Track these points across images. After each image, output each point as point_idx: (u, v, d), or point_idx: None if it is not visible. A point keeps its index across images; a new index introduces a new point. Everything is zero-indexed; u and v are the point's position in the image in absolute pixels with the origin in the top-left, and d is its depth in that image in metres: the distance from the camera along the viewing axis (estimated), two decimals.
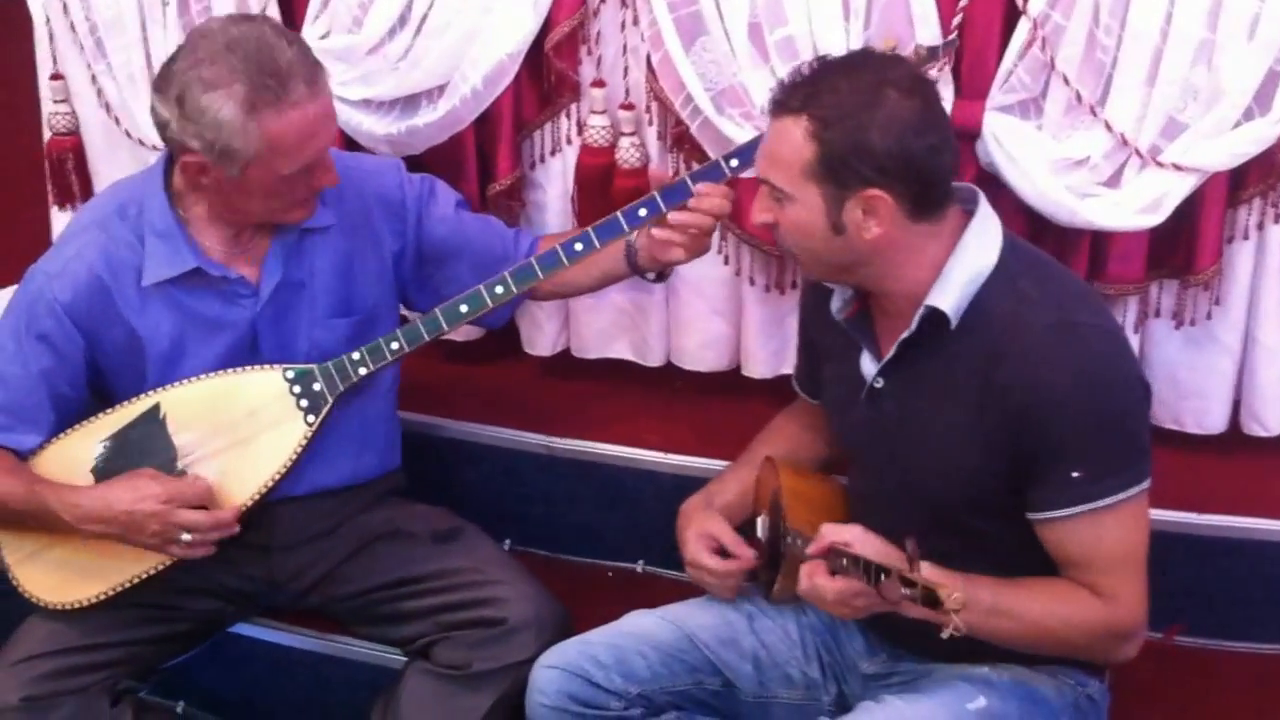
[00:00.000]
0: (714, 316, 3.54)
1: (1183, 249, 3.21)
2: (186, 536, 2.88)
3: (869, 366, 2.66)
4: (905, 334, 2.56)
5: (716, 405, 3.59)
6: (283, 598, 3.22)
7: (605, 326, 3.65)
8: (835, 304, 2.69)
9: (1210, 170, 3.05)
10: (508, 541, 3.45)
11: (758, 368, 3.54)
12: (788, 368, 3.47)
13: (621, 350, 3.68)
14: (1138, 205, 3.09)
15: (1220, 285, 3.24)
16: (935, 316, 2.52)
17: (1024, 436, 2.46)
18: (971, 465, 2.53)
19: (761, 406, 3.22)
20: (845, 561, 2.42)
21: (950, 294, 2.51)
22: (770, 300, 3.46)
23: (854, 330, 2.67)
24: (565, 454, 3.51)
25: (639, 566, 3.49)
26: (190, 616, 3.14)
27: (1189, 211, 3.12)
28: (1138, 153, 3.06)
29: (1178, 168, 3.04)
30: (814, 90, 2.48)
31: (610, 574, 3.51)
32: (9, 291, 3.87)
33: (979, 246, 2.53)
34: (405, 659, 3.14)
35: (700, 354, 3.59)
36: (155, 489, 2.87)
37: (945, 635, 2.25)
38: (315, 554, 3.15)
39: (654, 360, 3.66)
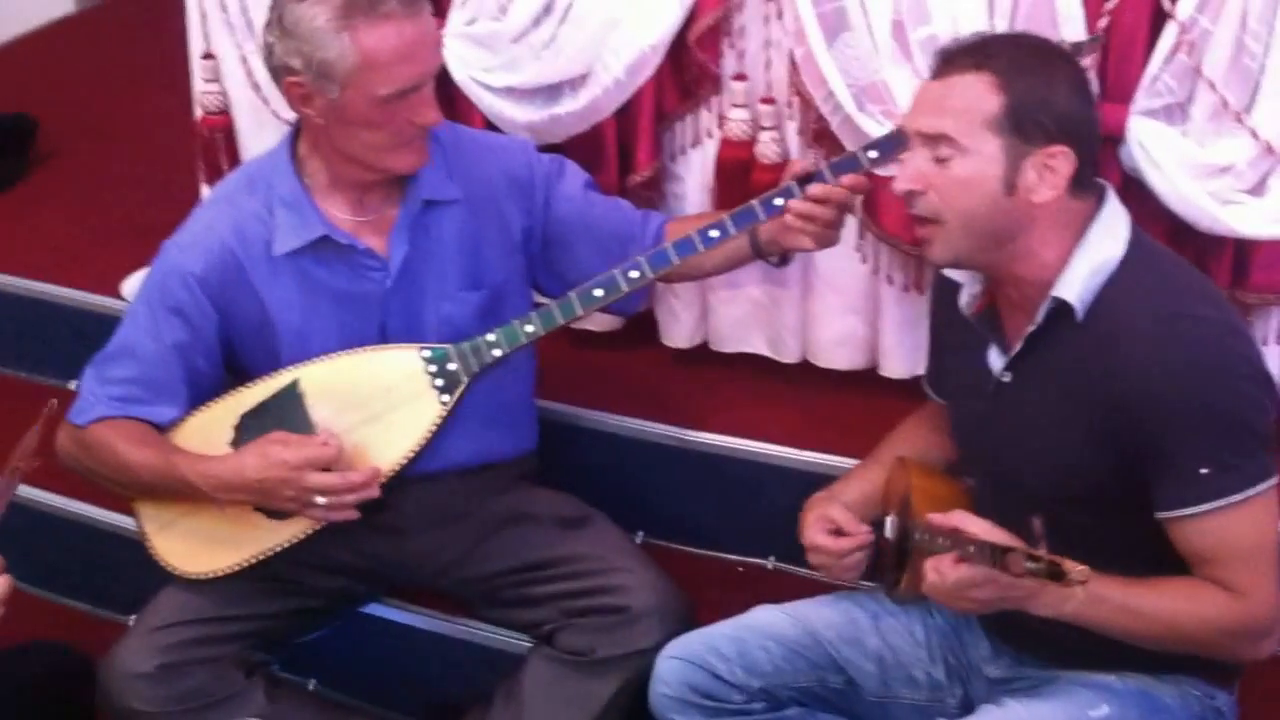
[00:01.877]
0: (850, 314, 3.57)
1: None
2: (321, 499, 2.93)
3: (996, 361, 2.68)
4: (1031, 327, 2.58)
5: (851, 403, 3.61)
6: (412, 580, 3.30)
7: (741, 319, 3.69)
8: (964, 299, 2.71)
9: None
10: (640, 534, 3.50)
11: (894, 367, 3.57)
12: (924, 368, 3.50)
13: (757, 344, 3.72)
14: None
15: None
16: (1061, 309, 2.54)
17: (1138, 431, 2.47)
18: (1084, 460, 2.54)
19: (897, 406, 3.23)
20: (972, 548, 2.43)
21: (1076, 286, 2.52)
22: (908, 300, 3.49)
23: (982, 325, 2.69)
24: (697, 447, 3.55)
25: (769, 562, 3.52)
26: (320, 593, 3.22)
27: None
28: None
29: None
30: (989, 51, 2.52)
31: (740, 569, 3.55)
32: None
33: (1106, 239, 2.55)
34: (529, 644, 3.19)
35: (836, 351, 3.63)
36: (285, 455, 2.92)
37: (1069, 609, 2.29)
38: (444, 538, 3.21)
39: (789, 356, 3.70)
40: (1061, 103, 2.48)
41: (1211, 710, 2.70)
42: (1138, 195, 3.04)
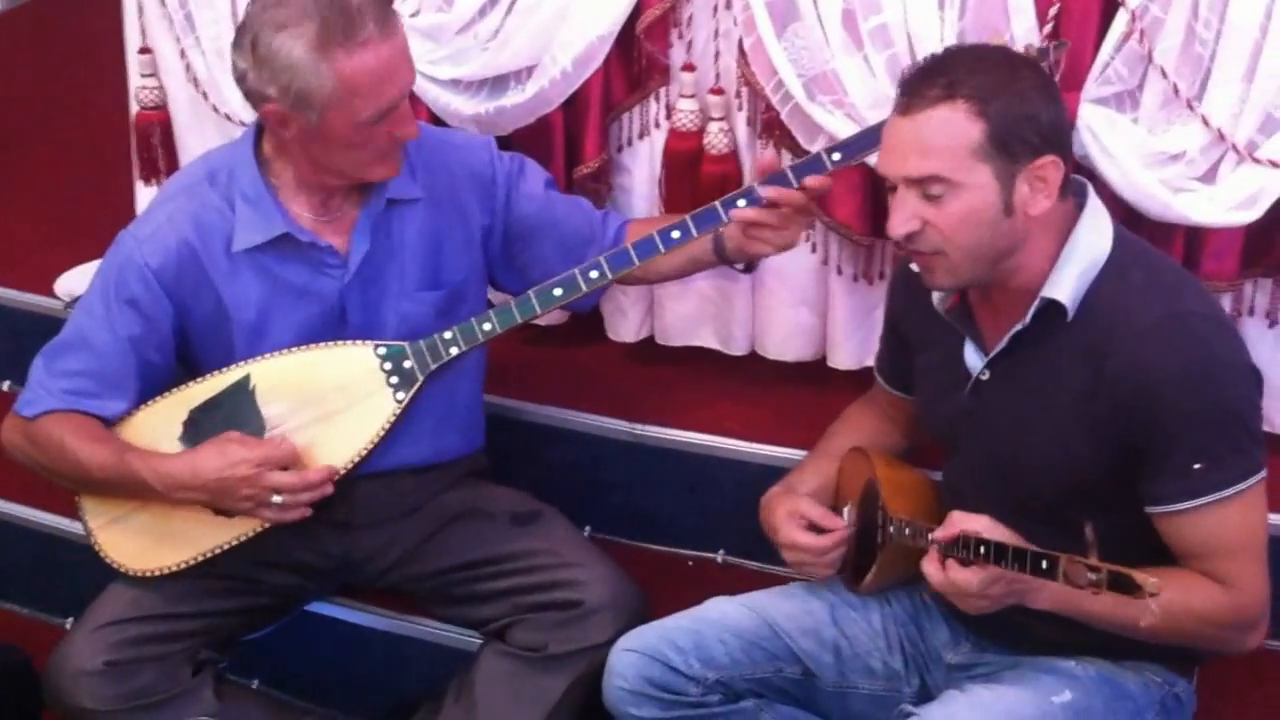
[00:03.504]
0: (800, 306, 3.60)
1: (1278, 246, 3.24)
2: (278, 499, 2.95)
3: (974, 359, 2.71)
4: (1018, 326, 2.61)
5: (800, 394, 3.64)
6: (360, 576, 3.30)
7: (690, 313, 3.72)
8: (937, 296, 2.73)
9: None
10: (587, 528, 3.51)
11: (843, 358, 3.60)
12: (873, 359, 3.53)
13: (706, 338, 3.75)
14: (1233, 201, 3.13)
15: None
16: (1050, 308, 2.57)
17: (1136, 427, 2.51)
18: (1078, 456, 2.58)
19: (846, 397, 3.25)
20: (984, 550, 2.45)
21: (1066, 285, 2.56)
22: (859, 290, 3.53)
23: (958, 322, 2.72)
24: (648, 440, 3.57)
25: (719, 556, 3.55)
26: (269, 590, 3.23)
27: None
28: (1234, 148, 3.10)
29: (1274, 164, 3.07)
30: (952, 78, 2.51)
31: (690, 563, 3.57)
32: (93, 265, 4.00)
33: (1093, 237, 2.59)
34: (480, 640, 3.21)
35: (785, 343, 3.66)
36: (244, 453, 2.94)
37: (1145, 624, 2.28)
38: (394, 533, 3.23)
39: (738, 349, 3.73)
40: (1039, 114, 2.50)
41: (1171, 697, 2.75)
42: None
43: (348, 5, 2.81)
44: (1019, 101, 2.49)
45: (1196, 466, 2.49)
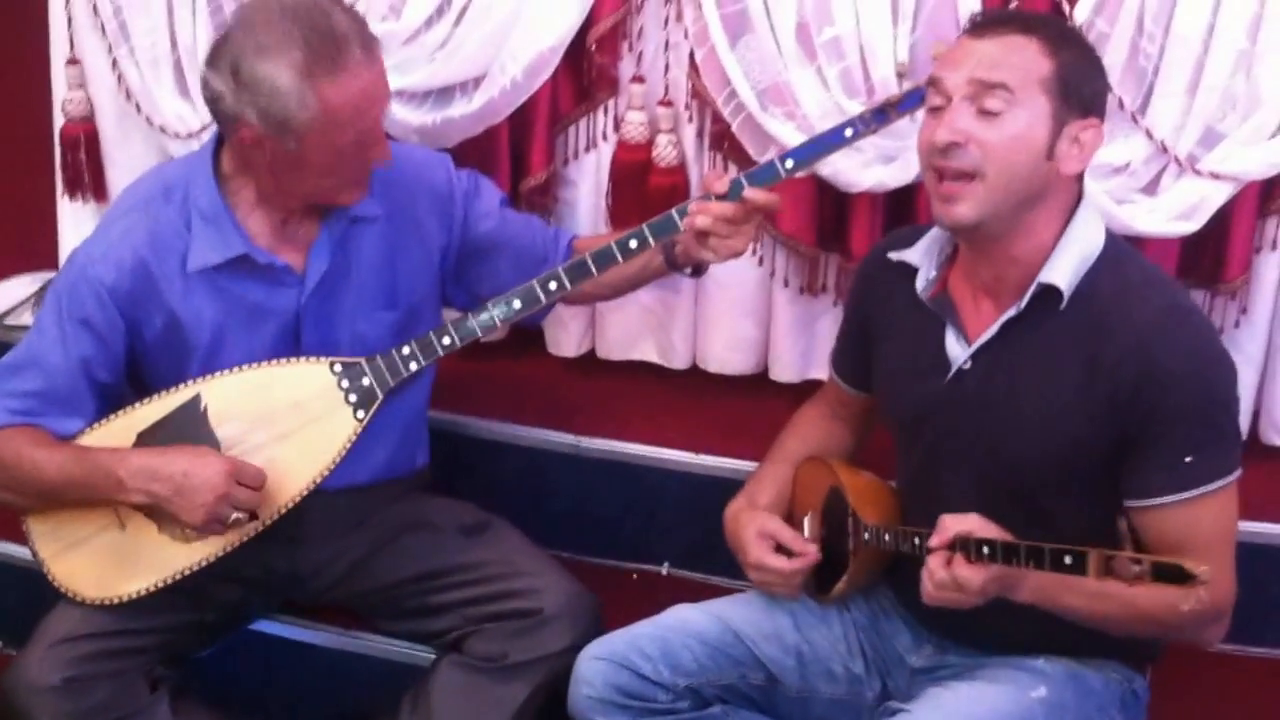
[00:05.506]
0: (743, 318, 3.73)
1: (1211, 257, 3.42)
2: (236, 515, 2.98)
3: (956, 348, 2.80)
4: (1011, 312, 2.71)
5: (741, 406, 3.74)
6: (307, 591, 3.35)
7: (631, 326, 3.83)
8: (920, 282, 2.83)
9: (1247, 179, 3.27)
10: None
11: (785, 372, 3.73)
12: (815, 372, 3.68)
13: (647, 352, 3.86)
14: (1174, 212, 3.30)
15: (1247, 295, 3.46)
16: (1046, 294, 2.67)
17: (1132, 418, 2.61)
18: (1064, 446, 2.68)
19: (787, 409, 3.32)
20: (988, 551, 2.52)
21: (1064, 271, 2.66)
22: (801, 302, 3.66)
23: (941, 309, 2.82)
24: (591, 453, 3.67)
25: (663, 569, 3.66)
26: (217, 605, 3.26)
27: (1219, 221, 3.34)
28: (1176, 160, 3.27)
29: (1215, 176, 3.25)
30: (1031, 19, 2.67)
31: (635, 576, 3.68)
32: (14, 282, 4.02)
33: (1090, 226, 2.71)
34: (431, 654, 3.28)
35: (727, 356, 3.78)
36: (217, 457, 2.98)
37: (1187, 608, 2.34)
38: (340, 548, 3.29)
39: (679, 363, 3.84)
40: (1099, 77, 2.68)
41: (1130, 693, 2.89)
42: None
43: (332, 31, 2.85)
44: (1086, 57, 2.66)
45: (1187, 460, 2.61)
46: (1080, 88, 2.63)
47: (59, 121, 3.99)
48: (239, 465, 3.00)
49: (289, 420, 3.07)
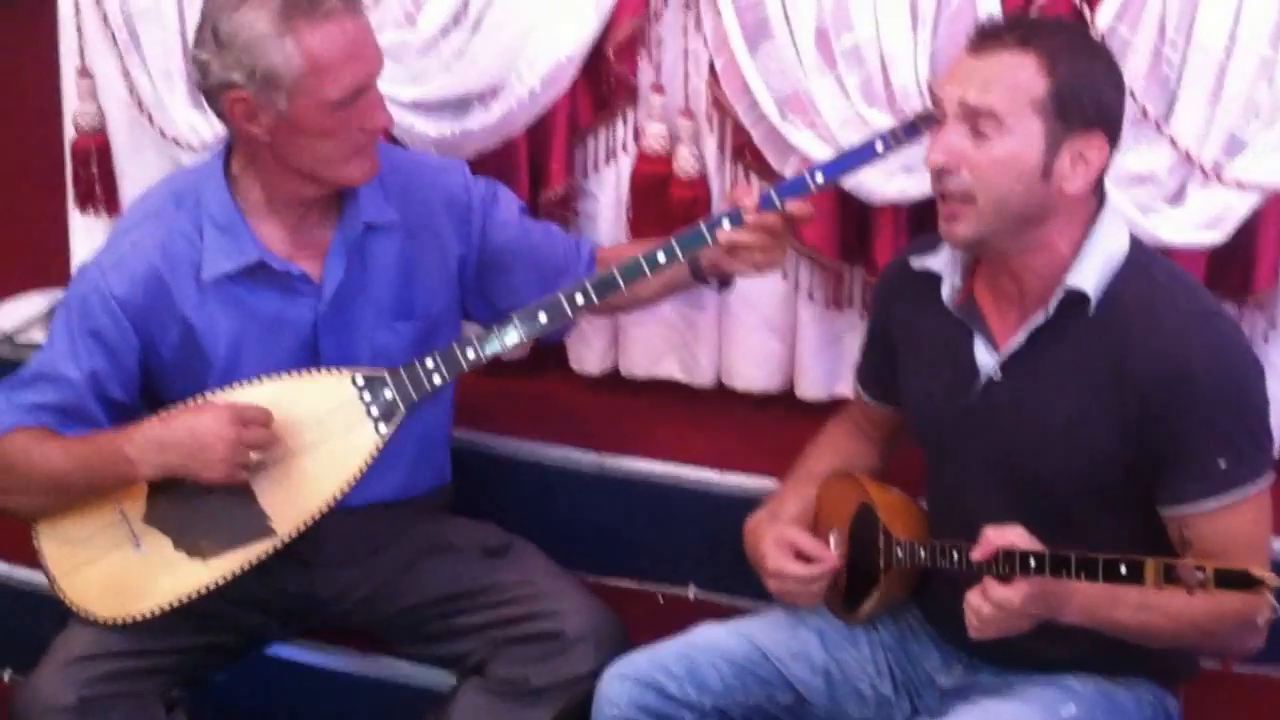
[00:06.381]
0: (767, 334, 3.72)
1: (1239, 269, 3.41)
2: (255, 455, 2.98)
3: (985, 357, 2.80)
4: (1039, 320, 2.72)
5: (768, 424, 3.74)
6: (325, 615, 3.36)
7: (654, 343, 3.83)
8: (945, 290, 2.84)
9: (1272, 188, 3.26)
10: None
11: (811, 388, 3.72)
12: (842, 388, 3.66)
13: (670, 369, 3.85)
14: (1199, 222, 3.30)
15: (1274, 305, 3.45)
16: (1074, 300, 2.68)
17: (1163, 424, 2.63)
18: (1097, 455, 2.69)
19: (814, 427, 3.32)
20: (1034, 563, 2.52)
21: (1090, 276, 2.68)
22: (827, 317, 3.66)
23: (968, 317, 2.82)
24: (616, 472, 3.68)
25: (690, 592, 3.66)
26: (233, 627, 3.27)
27: (1247, 231, 3.33)
28: (1201, 169, 3.27)
29: (1240, 185, 3.25)
30: (1029, 31, 2.67)
31: (661, 599, 3.67)
32: (24, 300, 4.03)
33: (1114, 231, 2.73)
34: (452, 678, 3.28)
35: (752, 373, 3.77)
36: (214, 406, 2.99)
37: (1262, 621, 2.38)
38: (360, 572, 3.29)
39: (703, 380, 3.84)
40: (1102, 90, 2.67)
41: (1162, 713, 2.89)
42: None
43: None
44: (1086, 71, 2.65)
45: (1221, 465, 2.62)
46: (1082, 102, 2.63)
47: (70, 134, 4.01)
48: (239, 407, 2.98)
49: (309, 434, 3.06)
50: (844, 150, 3.10)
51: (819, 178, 3.00)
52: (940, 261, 2.88)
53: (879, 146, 2.97)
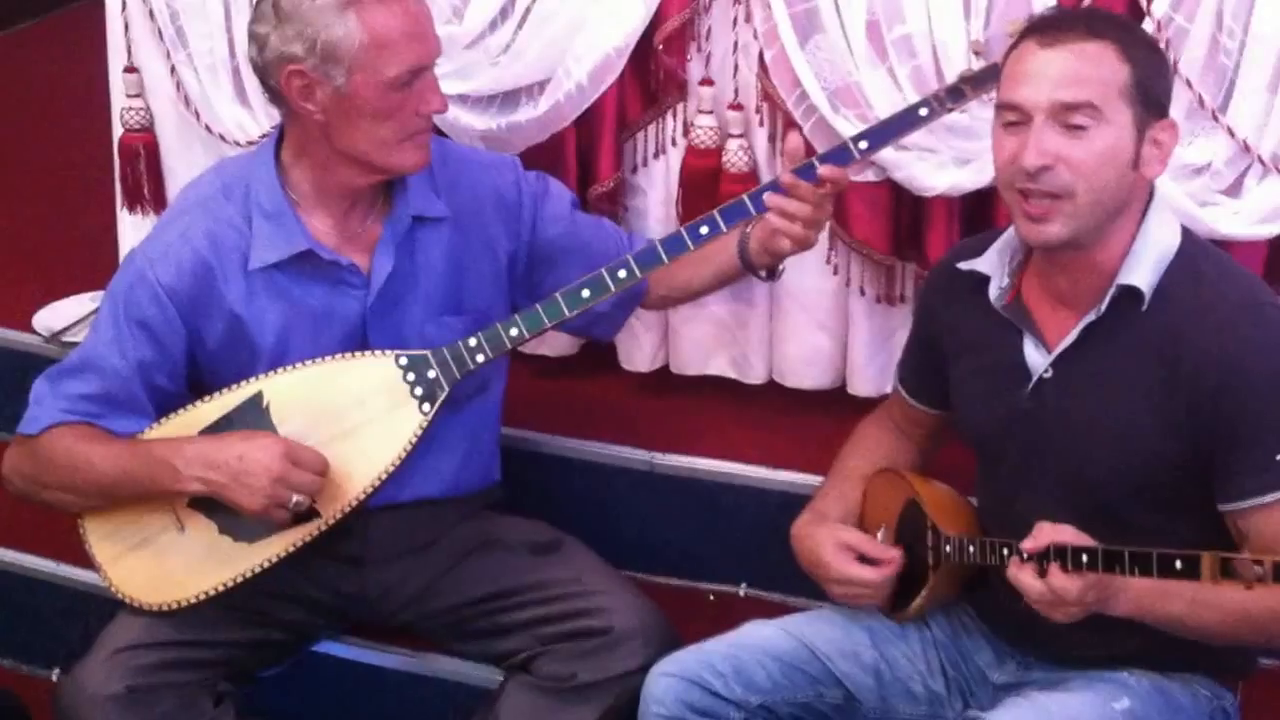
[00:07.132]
0: (818, 330, 3.74)
1: None
2: (298, 499, 3.00)
3: (1036, 356, 2.81)
4: (1091, 316, 2.72)
5: (820, 422, 3.74)
6: (374, 614, 3.38)
7: (704, 340, 3.84)
8: (993, 291, 2.84)
9: None
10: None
11: (863, 386, 3.74)
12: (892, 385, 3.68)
13: (721, 366, 3.88)
14: (1258, 215, 3.31)
15: None
16: (1127, 295, 2.69)
17: (1217, 420, 2.63)
18: (1150, 453, 2.70)
19: None
20: (1086, 559, 2.53)
21: (1143, 272, 2.69)
22: (879, 313, 3.67)
23: (1017, 317, 2.82)
24: (666, 470, 3.69)
25: (741, 590, 3.67)
26: (280, 624, 3.30)
27: None
28: (1260, 160, 3.27)
29: None
30: (1093, 21, 2.67)
31: (712, 597, 3.69)
32: (73, 300, 4.08)
33: (1164, 226, 2.73)
34: (499, 675, 3.29)
35: (803, 370, 3.79)
36: (272, 440, 3.02)
37: None
38: (409, 569, 3.31)
39: (755, 377, 3.86)
40: (1165, 75, 2.70)
41: (1219, 710, 2.89)
42: None
43: None
44: (1150, 57, 2.67)
45: (1278, 458, 2.62)
46: (1155, 89, 2.65)
47: (117, 133, 4.05)
48: (294, 446, 3.02)
49: (353, 416, 3.10)
50: (888, 117, 3.10)
51: (862, 144, 3.01)
52: (987, 263, 2.88)
53: (922, 111, 3.00)
